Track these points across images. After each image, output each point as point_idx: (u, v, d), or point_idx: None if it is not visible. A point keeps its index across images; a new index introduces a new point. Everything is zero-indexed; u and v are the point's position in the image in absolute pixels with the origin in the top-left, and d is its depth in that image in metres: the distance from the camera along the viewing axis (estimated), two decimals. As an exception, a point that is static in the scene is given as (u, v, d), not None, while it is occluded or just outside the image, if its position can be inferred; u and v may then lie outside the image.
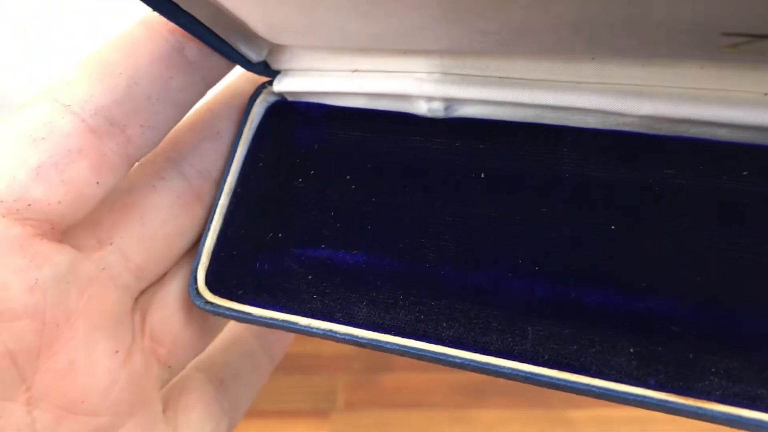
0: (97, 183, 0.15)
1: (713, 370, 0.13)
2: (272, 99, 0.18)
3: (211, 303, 0.16)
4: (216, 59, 0.16)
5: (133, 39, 0.15)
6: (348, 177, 0.17)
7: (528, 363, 0.14)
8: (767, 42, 0.12)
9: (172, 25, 0.15)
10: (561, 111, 0.15)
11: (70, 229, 0.15)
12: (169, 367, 0.17)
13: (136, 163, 0.16)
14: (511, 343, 0.14)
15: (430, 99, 0.16)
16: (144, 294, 0.17)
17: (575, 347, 0.14)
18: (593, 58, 0.15)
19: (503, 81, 0.16)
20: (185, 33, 0.16)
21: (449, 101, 0.16)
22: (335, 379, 0.71)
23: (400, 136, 0.17)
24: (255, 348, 0.20)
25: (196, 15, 0.15)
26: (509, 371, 0.14)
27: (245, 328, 0.20)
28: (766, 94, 0.14)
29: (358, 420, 0.69)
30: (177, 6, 0.15)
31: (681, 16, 0.12)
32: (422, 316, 0.15)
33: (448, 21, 0.14)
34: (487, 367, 0.14)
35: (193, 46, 0.16)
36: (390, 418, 0.69)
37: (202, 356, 0.19)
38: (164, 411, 0.17)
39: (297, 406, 0.69)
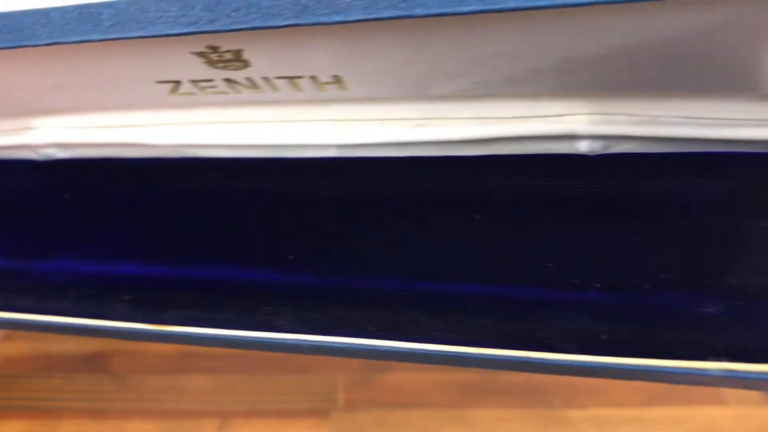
0: None
1: (171, 303, 0.18)
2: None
3: None
4: None
5: None
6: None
7: (65, 316, 0.18)
8: (189, 85, 0.15)
9: None
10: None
11: None
12: None
13: None
14: (56, 303, 0.19)
15: (45, 146, 0.22)
16: None
17: (95, 301, 0.19)
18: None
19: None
20: None
21: (59, 146, 0.22)
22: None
23: (18, 174, 0.23)
24: None
25: None
26: (51, 324, 0.19)
27: None
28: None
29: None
30: None
31: None
32: (16, 294, 0.20)
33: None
34: (37, 323, 0.19)
35: None
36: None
37: None
38: None
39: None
